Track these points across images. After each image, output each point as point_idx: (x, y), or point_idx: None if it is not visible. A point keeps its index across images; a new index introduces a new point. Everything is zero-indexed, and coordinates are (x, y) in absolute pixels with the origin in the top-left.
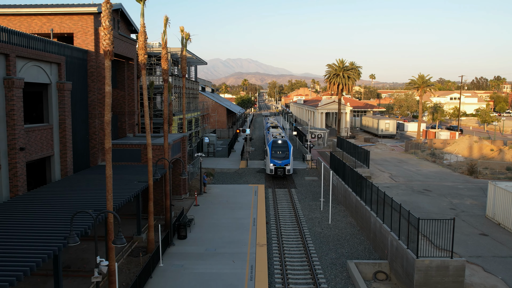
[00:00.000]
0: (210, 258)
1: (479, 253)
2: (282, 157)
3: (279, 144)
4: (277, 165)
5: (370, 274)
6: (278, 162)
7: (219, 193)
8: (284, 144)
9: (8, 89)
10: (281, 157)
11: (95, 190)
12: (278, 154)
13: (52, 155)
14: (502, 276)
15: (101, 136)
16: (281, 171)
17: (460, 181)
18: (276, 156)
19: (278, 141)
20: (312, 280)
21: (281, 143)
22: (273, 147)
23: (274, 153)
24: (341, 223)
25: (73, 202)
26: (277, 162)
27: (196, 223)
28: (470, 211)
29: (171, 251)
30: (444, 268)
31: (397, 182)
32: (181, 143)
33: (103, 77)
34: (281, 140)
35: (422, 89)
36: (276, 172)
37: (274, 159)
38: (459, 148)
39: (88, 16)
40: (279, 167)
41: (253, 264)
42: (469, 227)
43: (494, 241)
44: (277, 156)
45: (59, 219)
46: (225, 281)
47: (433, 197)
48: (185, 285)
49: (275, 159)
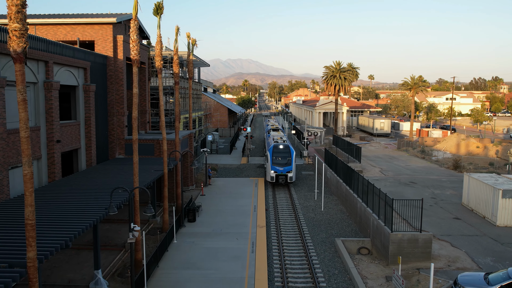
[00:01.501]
0: (217, 237)
1: (450, 232)
2: (284, 163)
3: (281, 150)
4: (278, 172)
5: (354, 250)
6: (279, 169)
7: (222, 185)
8: (286, 149)
9: (47, 90)
10: (283, 163)
11: (119, 176)
12: (279, 160)
13: (79, 147)
14: (466, 250)
15: (119, 132)
16: (282, 178)
17: (445, 175)
18: (277, 162)
19: (280, 146)
20: (304, 254)
21: (282, 148)
22: (274, 153)
23: (275, 159)
24: (332, 210)
25: (104, 184)
26: (278, 169)
27: (203, 209)
28: (449, 199)
29: (183, 231)
30: (414, 241)
31: (386, 176)
32: (189, 139)
33: (120, 79)
34: (283, 145)
35: (414, 90)
36: (277, 179)
37: (275, 165)
38: (448, 145)
39: (108, 26)
40: (280, 175)
41: (254, 241)
42: (445, 213)
43: (465, 223)
44: (279, 162)
45: (95, 197)
46: (230, 253)
47: (418, 188)
48: (196, 256)
49: (276, 165)
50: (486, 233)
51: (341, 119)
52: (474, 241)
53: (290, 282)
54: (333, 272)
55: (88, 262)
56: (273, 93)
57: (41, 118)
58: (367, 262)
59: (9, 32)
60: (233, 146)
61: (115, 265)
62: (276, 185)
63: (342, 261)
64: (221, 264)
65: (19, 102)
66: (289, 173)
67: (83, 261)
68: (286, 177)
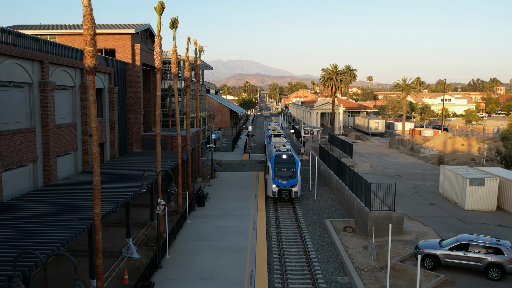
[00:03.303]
0: (223, 218)
1: (423, 214)
2: (288, 176)
3: (284, 160)
4: (281, 186)
5: (341, 228)
6: (282, 182)
7: (227, 178)
8: (290, 159)
9: (82, 93)
10: (286, 176)
11: (141, 165)
12: (282, 172)
13: (105, 142)
14: (434, 227)
15: (136, 129)
16: (286, 194)
17: (429, 169)
18: (279, 175)
19: (283, 156)
20: (298, 231)
21: (286, 158)
22: (276, 163)
23: (277, 171)
24: (324, 198)
25: (130, 171)
26: (281, 182)
27: (210, 197)
28: (428, 189)
29: (194, 214)
30: (388, 218)
31: (375, 170)
32: (197, 136)
33: (137, 82)
34: (286, 155)
35: (406, 91)
36: (280, 195)
37: (277, 178)
38: (435, 143)
39: (127, 36)
40: (283, 189)
41: (255, 221)
42: (423, 200)
43: (438, 208)
44: (281, 174)
45: (125, 180)
46: (236, 230)
47: (402, 180)
48: (207, 232)
49: (278, 178)
50: (454, 215)
51: (337, 119)
52: (442, 221)
53: (285, 251)
54: (321, 244)
55: (118, 236)
56: (273, 94)
57: (77, 116)
58: (350, 237)
59: (85, 53)
60: (235, 144)
61: (140, 237)
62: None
63: (329, 236)
64: (228, 238)
65: (91, 102)
66: (294, 187)
67: (113, 235)
68: (290, 192)
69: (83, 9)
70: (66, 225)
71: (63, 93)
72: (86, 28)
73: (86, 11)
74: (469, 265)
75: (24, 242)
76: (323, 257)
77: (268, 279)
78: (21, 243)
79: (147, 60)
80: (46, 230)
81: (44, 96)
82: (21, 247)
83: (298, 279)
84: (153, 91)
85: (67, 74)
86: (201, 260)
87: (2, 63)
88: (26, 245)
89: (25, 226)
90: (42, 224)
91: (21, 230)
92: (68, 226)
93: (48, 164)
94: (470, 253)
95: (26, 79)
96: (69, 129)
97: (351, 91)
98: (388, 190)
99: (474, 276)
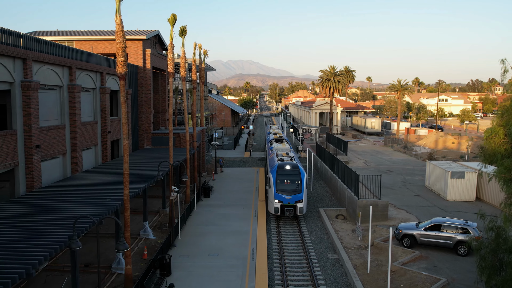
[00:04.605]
0: (228, 207)
1: (408, 204)
2: (292, 189)
3: (287, 171)
4: (284, 201)
5: (333, 216)
6: (286, 197)
7: (230, 173)
8: (294, 169)
9: (102, 94)
10: (291, 189)
11: (153, 159)
12: (285, 185)
13: (119, 138)
14: (416, 214)
15: (146, 127)
16: (290, 211)
17: (419, 165)
18: (282, 189)
19: (286, 166)
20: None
21: (290, 169)
22: (279, 175)
23: (280, 183)
24: (320, 190)
25: (144, 163)
26: (284, 197)
27: (215, 189)
28: (416, 183)
29: (201, 204)
30: (375, 205)
31: (368, 166)
32: (201, 134)
33: (148, 84)
34: (290, 165)
35: (400, 92)
36: (283, 211)
37: (280, 192)
38: (427, 141)
39: (139, 42)
40: (287, 205)
41: (256, 209)
42: (410, 192)
43: (422, 198)
44: (285, 188)
45: (142, 171)
46: (239, 216)
47: (393, 175)
48: (213, 218)
49: (281, 192)
50: (436, 204)
51: (335, 119)
52: (425, 209)
53: (282, 234)
54: (315, 229)
55: (134, 221)
56: (273, 95)
57: (97, 115)
58: (341, 223)
59: (117, 62)
60: (237, 143)
61: (154, 223)
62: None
63: (323, 222)
64: (232, 223)
65: (122, 103)
66: (299, 203)
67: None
68: (295, 209)
69: (116, 26)
70: (102, 203)
71: (86, 94)
72: (118, 42)
73: (118, 28)
74: (441, 243)
75: (75, 213)
76: (316, 239)
77: (268, 256)
78: (72, 213)
79: (156, 64)
80: (88, 206)
81: (72, 97)
82: (73, 215)
83: (294, 256)
84: (161, 92)
85: (90, 78)
86: (209, 241)
87: (40, 69)
88: (78, 214)
89: (70, 203)
90: (83, 202)
91: (68, 206)
92: (103, 204)
93: (75, 156)
94: (442, 233)
95: (57, 82)
96: (91, 127)
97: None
98: (375, 181)
99: (445, 252)
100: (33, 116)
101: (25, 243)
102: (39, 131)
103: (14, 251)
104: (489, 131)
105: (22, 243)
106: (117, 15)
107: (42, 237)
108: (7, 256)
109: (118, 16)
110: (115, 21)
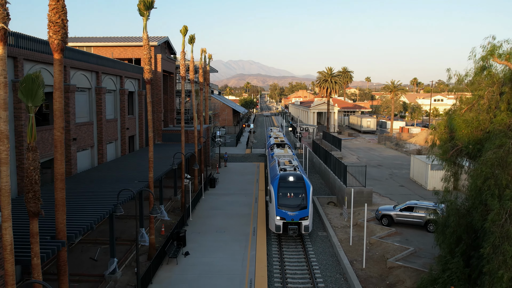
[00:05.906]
0: (231, 195)
1: (392, 193)
2: (296, 205)
3: (291, 183)
4: (287, 218)
5: (325, 203)
6: (289, 213)
7: (232, 167)
8: (299, 182)
9: (121, 95)
10: (295, 205)
11: (166, 152)
12: (288, 199)
13: (135, 134)
14: (398, 201)
15: (157, 125)
16: (294, 229)
17: (408, 161)
18: (285, 204)
19: (289, 178)
20: None
21: (293, 181)
22: (281, 188)
23: (282, 197)
24: (314, 182)
25: (159, 155)
26: (287, 213)
27: (220, 181)
28: (402, 176)
29: (207, 193)
30: (360, 192)
31: (360, 161)
32: (207, 131)
33: (159, 86)
34: (294, 176)
35: (394, 92)
36: (286, 230)
37: (282, 208)
38: (418, 139)
39: (151, 47)
40: (290, 223)
41: (257, 197)
42: (395, 183)
43: (406, 188)
44: (287, 203)
45: (158, 161)
46: (242, 203)
47: (382, 169)
48: (219, 204)
49: (283, 208)
50: (417, 193)
51: (332, 118)
52: (406, 197)
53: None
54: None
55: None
56: (274, 95)
57: (117, 114)
58: (331, 208)
59: (144, 69)
60: (238, 141)
61: (167, 208)
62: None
63: (315, 208)
64: (236, 207)
65: (148, 103)
66: (304, 221)
67: (145, 206)
68: (300, 227)
69: (143, 41)
70: (132, 184)
71: (108, 95)
72: (145, 54)
73: (145, 43)
74: (414, 221)
75: (114, 190)
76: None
77: (266, 232)
78: (111, 191)
79: (165, 67)
80: (122, 185)
81: (99, 98)
82: (113, 192)
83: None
84: (170, 93)
85: (111, 81)
86: (216, 221)
87: (75, 74)
88: (118, 190)
89: (106, 184)
90: (116, 183)
91: (106, 185)
92: (133, 184)
93: (101, 148)
94: (414, 213)
95: (87, 85)
96: (112, 124)
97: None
98: (362, 173)
99: (417, 229)
100: (71, 113)
101: (84, 209)
102: (75, 126)
103: (76, 214)
104: (436, 126)
105: (81, 209)
106: (144, 31)
107: (94, 205)
108: (74, 216)
109: (145, 33)
110: (143, 36)
